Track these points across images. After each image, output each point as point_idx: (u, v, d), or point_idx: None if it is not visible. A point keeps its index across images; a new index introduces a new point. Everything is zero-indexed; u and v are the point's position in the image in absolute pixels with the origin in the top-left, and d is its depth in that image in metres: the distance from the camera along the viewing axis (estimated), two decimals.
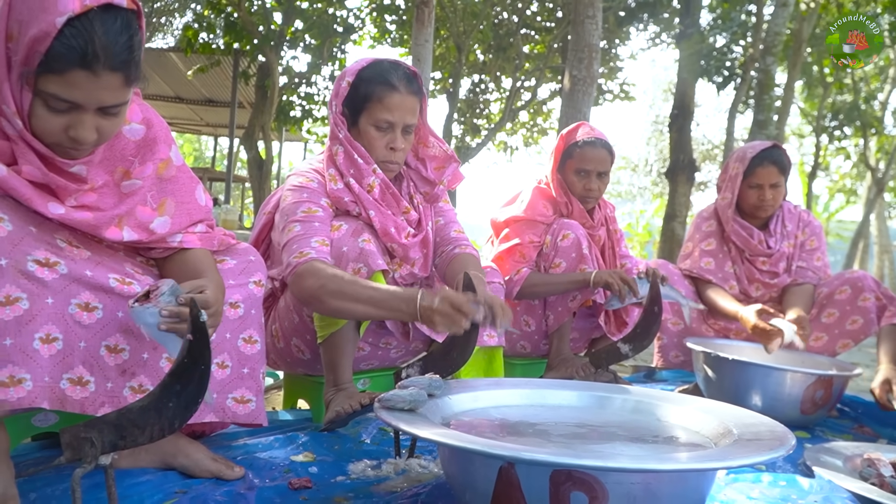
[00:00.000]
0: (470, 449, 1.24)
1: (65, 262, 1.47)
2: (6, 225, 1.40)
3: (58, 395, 1.46)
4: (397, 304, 1.92)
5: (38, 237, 1.45)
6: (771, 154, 3.21)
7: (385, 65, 2.20)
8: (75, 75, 1.32)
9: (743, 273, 3.32)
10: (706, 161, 26.34)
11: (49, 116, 1.37)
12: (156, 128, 1.65)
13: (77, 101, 1.35)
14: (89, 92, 1.35)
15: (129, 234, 1.59)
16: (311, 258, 2.01)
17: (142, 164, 1.61)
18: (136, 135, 1.61)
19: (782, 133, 11.47)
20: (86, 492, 1.52)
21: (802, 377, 2.57)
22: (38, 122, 1.37)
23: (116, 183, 1.58)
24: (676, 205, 11.85)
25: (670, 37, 14.00)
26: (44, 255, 1.44)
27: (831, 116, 17.87)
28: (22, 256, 1.41)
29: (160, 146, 1.65)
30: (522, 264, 2.98)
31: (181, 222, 1.68)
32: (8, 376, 1.39)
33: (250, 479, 1.73)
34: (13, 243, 1.40)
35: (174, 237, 1.67)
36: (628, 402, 1.82)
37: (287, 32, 13.32)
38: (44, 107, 1.36)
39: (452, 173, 2.38)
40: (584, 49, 6.59)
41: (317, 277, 1.97)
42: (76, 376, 1.49)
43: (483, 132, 16.42)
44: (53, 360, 1.46)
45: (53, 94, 1.33)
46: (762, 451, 1.28)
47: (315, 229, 2.09)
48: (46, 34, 1.29)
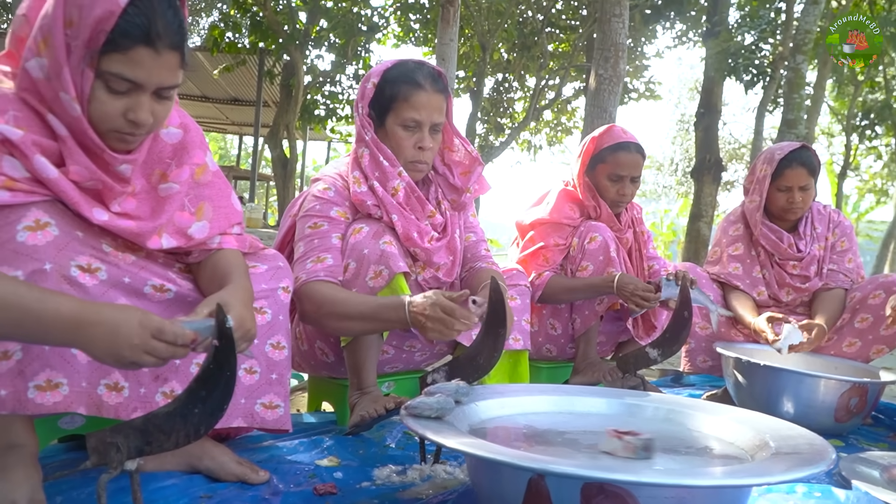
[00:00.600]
0: (499, 460, 1.22)
1: (106, 267, 1.48)
2: (53, 230, 1.40)
3: (95, 401, 1.48)
4: (387, 314, 1.95)
5: (84, 242, 1.46)
6: (800, 155, 3.12)
7: (410, 64, 2.19)
8: (139, 53, 1.35)
9: (773, 277, 3.25)
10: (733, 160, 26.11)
11: (109, 99, 1.38)
12: (192, 132, 1.66)
13: (139, 79, 1.37)
14: (151, 70, 1.38)
15: (167, 241, 1.58)
16: (303, 282, 2.05)
17: (178, 167, 1.61)
18: (173, 138, 1.62)
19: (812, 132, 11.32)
20: (111, 496, 1.51)
21: (837, 384, 2.51)
22: (98, 105, 1.38)
23: (154, 186, 1.58)
24: (702, 205, 11.76)
25: (697, 35, 13.89)
26: (86, 261, 1.45)
27: (862, 115, 17.59)
28: (66, 261, 1.42)
29: (196, 151, 1.66)
30: (546, 268, 2.95)
31: (219, 226, 1.68)
32: (45, 380, 1.41)
33: (275, 484, 1.72)
34: (58, 248, 1.41)
35: (213, 240, 1.66)
36: (660, 410, 1.78)
37: (312, 31, 13.39)
38: (104, 89, 1.37)
39: (478, 180, 2.36)
40: (611, 48, 6.55)
41: (311, 302, 2.02)
42: (112, 382, 1.50)
43: (507, 131, 16.39)
44: (91, 365, 1.47)
45: (117, 74, 1.36)
46: (802, 467, 1.23)
47: (314, 247, 2.12)
48: (111, 13, 1.31)
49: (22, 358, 1.40)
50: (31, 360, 1.40)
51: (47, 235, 1.39)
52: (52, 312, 1.23)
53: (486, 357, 1.90)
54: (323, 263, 2.08)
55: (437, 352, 2.45)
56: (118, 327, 1.24)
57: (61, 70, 1.34)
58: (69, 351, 1.44)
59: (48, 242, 1.39)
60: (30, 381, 1.40)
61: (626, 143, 2.94)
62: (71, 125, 1.40)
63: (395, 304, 1.93)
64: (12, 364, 1.39)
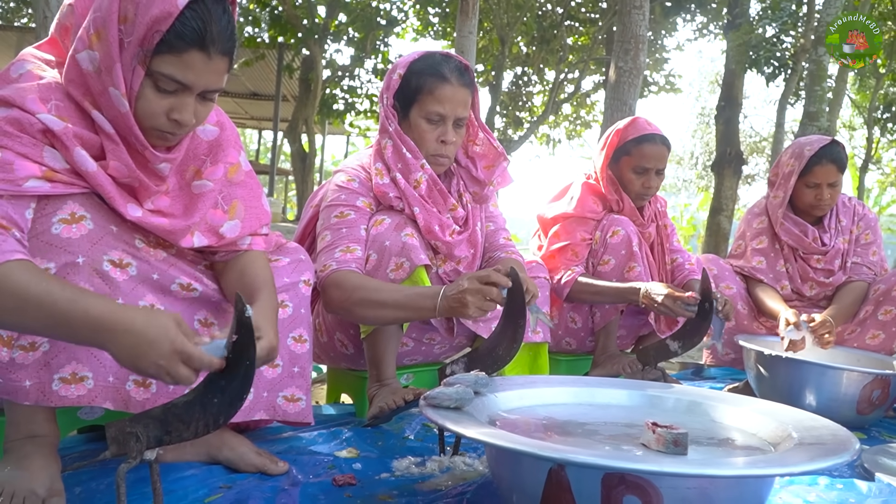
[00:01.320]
0: (519, 450, 1.21)
1: (136, 263, 1.49)
2: (87, 223, 1.41)
3: (122, 397, 1.48)
4: (422, 302, 1.93)
5: (118, 236, 1.47)
6: (830, 152, 3.06)
7: (437, 57, 2.17)
8: (192, 56, 1.35)
9: (796, 271, 3.22)
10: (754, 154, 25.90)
11: (156, 98, 1.39)
12: (228, 131, 1.66)
13: (189, 82, 1.38)
14: (200, 74, 1.38)
15: (199, 239, 1.58)
16: (332, 270, 2.03)
17: (213, 165, 1.61)
18: (209, 135, 1.62)
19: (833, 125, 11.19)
20: (131, 486, 1.51)
21: (859, 376, 2.48)
22: (145, 103, 1.39)
23: (188, 183, 1.58)
24: (722, 198, 11.68)
25: (718, 27, 13.78)
26: (118, 256, 1.46)
27: (884, 108, 17.35)
28: (99, 255, 1.43)
29: (231, 150, 1.66)
30: (574, 262, 2.92)
31: (251, 226, 1.68)
32: (70, 373, 1.42)
33: (294, 475, 1.72)
34: (92, 242, 1.42)
35: (244, 240, 1.66)
36: (681, 402, 1.76)
37: (331, 26, 13.39)
38: (153, 88, 1.38)
39: (501, 173, 2.34)
40: (631, 40, 6.50)
41: (341, 290, 2.00)
42: (141, 378, 1.51)
43: (526, 125, 16.34)
44: None
45: (167, 75, 1.36)
46: (826, 457, 1.22)
47: (342, 236, 2.10)
48: (168, 14, 1.32)
49: (49, 350, 1.40)
50: (57, 353, 1.41)
51: (82, 229, 1.41)
52: (81, 313, 1.22)
53: (506, 348, 1.89)
54: (353, 254, 2.07)
55: (456, 344, 2.44)
56: (149, 343, 1.22)
57: (113, 65, 1.35)
58: None
59: (82, 236, 1.41)
60: (55, 373, 1.41)
61: (651, 134, 2.91)
62: (115, 120, 1.40)
63: (430, 293, 1.92)
64: (39, 355, 1.40)
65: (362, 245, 2.10)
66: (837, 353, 2.86)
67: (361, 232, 2.12)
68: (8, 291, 1.21)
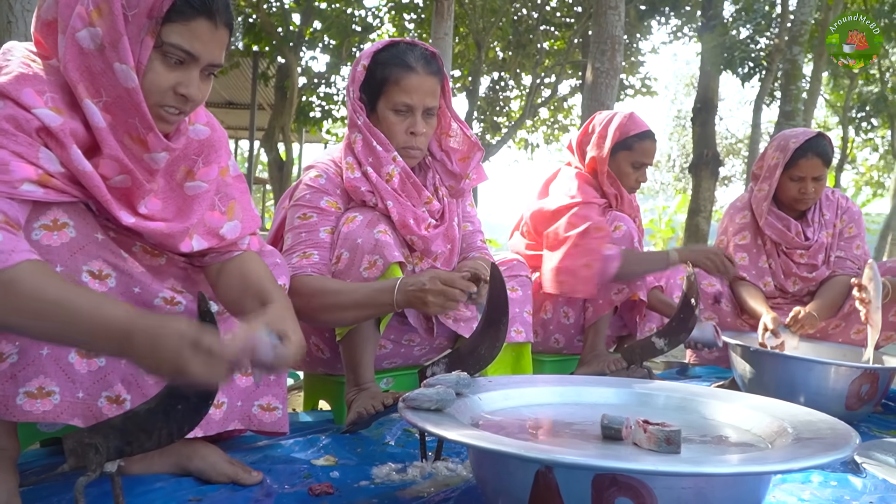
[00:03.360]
0: (504, 452, 1.14)
1: (116, 275, 1.43)
2: (70, 231, 1.36)
3: (94, 414, 1.42)
4: (380, 297, 1.89)
5: (103, 246, 1.42)
6: (815, 145, 3.03)
7: (402, 46, 2.11)
8: (200, 24, 1.35)
9: (779, 267, 3.19)
10: (730, 155, 26.15)
11: (163, 71, 1.37)
12: (218, 133, 1.63)
13: (196, 52, 1.37)
14: (206, 44, 1.38)
15: (198, 242, 1.53)
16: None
17: (206, 166, 1.57)
18: (200, 135, 1.57)
19: (809, 125, 11.27)
20: (94, 501, 1.45)
21: (847, 371, 2.45)
22: (152, 77, 1.36)
23: (179, 184, 1.53)
24: (700, 200, 11.75)
25: (692, 30, 13.87)
26: (98, 267, 1.40)
27: (858, 108, 17.58)
28: (77, 266, 1.37)
29: (222, 152, 1.62)
30: (607, 237, 2.80)
31: (250, 227, 1.64)
32: (37, 387, 1.36)
33: (269, 485, 1.65)
34: (72, 251, 1.36)
35: (243, 241, 1.63)
36: (672, 399, 1.71)
37: (306, 33, 13.33)
38: (160, 61, 1.36)
39: (477, 167, 2.28)
40: (607, 41, 6.50)
41: (299, 297, 1.91)
42: (114, 394, 1.45)
43: (503, 130, 16.35)
44: (93, 376, 1.42)
45: (176, 45, 1.35)
46: (827, 452, 1.16)
47: (301, 240, 2.05)
48: None
49: (17, 361, 1.34)
50: (25, 365, 1.34)
51: (63, 237, 1.35)
52: (105, 320, 1.15)
53: (488, 348, 1.84)
54: (309, 259, 2.02)
55: (436, 346, 2.37)
56: (161, 341, 1.13)
57: (119, 39, 1.31)
58: (66, 359, 1.38)
59: (63, 244, 1.35)
60: (21, 386, 1.34)
61: (649, 131, 2.97)
62: (119, 101, 1.34)
63: (387, 287, 1.88)
64: (5, 367, 1.33)
65: (321, 249, 2.05)
66: (824, 347, 2.84)
67: (322, 234, 2.06)
68: (25, 294, 1.15)
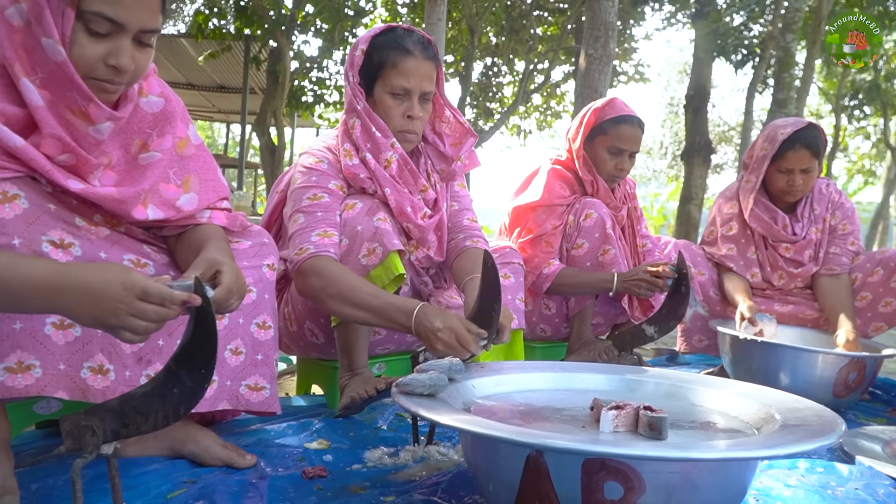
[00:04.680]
0: (496, 437, 1.16)
1: (80, 242, 1.41)
2: (22, 202, 1.33)
3: (79, 386, 1.41)
4: (395, 315, 1.86)
5: (56, 215, 1.39)
6: (804, 136, 2.93)
7: (399, 31, 2.11)
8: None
9: (766, 259, 3.15)
10: (722, 143, 26.15)
11: (89, 43, 1.32)
12: (173, 103, 1.60)
13: (121, 19, 1.31)
14: (132, 10, 1.32)
15: (154, 212, 1.52)
16: (311, 254, 1.96)
17: (160, 137, 1.55)
18: (153, 107, 1.55)
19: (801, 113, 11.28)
20: (90, 482, 1.46)
21: (835, 359, 2.48)
22: (79, 50, 1.32)
23: (134, 156, 1.51)
24: (692, 187, 11.75)
25: (686, 16, 13.83)
26: (59, 236, 1.38)
27: (851, 96, 17.61)
28: (37, 236, 1.35)
29: (177, 123, 1.60)
30: (551, 254, 2.88)
31: (208, 198, 1.63)
32: (16, 362, 1.35)
33: (262, 468, 1.66)
34: (28, 222, 1.34)
35: (202, 214, 1.61)
36: (661, 385, 1.73)
37: (298, 17, 13.23)
38: (84, 32, 1.31)
39: (469, 151, 2.29)
40: (601, 27, 6.49)
41: (320, 277, 1.92)
42: (97, 364, 1.44)
43: (496, 116, 16.31)
44: (71, 347, 1.40)
45: (98, 13, 1.29)
46: (813, 438, 1.18)
47: (318, 220, 2.03)
48: None
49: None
50: (0, 341, 1.33)
51: (15, 208, 1.32)
52: (23, 279, 1.16)
53: None
54: (331, 239, 2.00)
55: None
56: (99, 292, 1.16)
57: (42, 12, 1.28)
58: (42, 331, 1.37)
59: (17, 216, 1.32)
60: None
61: (628, 116, 2.88)
62: (52, 76, 1.32)
63: (406, 308, 1.84)
64: None
65: (338, 231, 2.04)
66: (812, 336, 2.86)
67: (336, 217, 2.05)
68: None
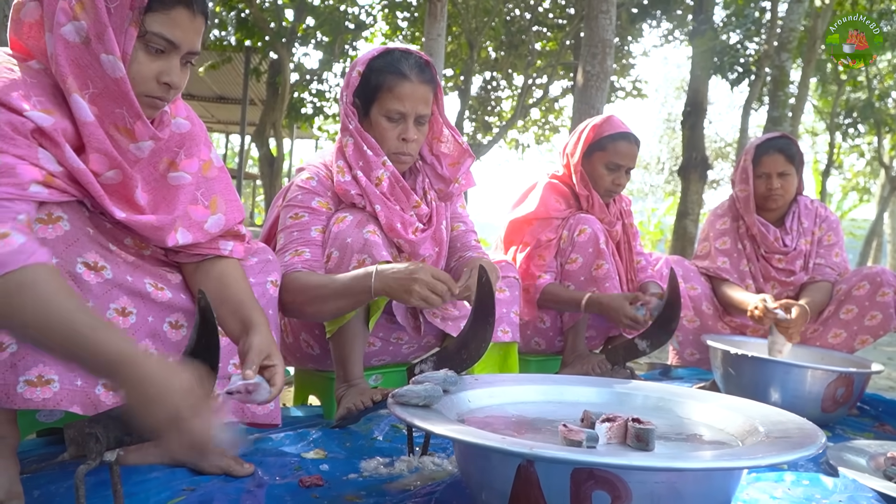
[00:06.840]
0: (488, 446, 1.20)
1: (111, 266, 1.47)
2: (64, 224, 1.40)
3: (92, 401, 1.45)
4: (357, 285, 1.92)
5: (93, 238, 1.46)
6: (776, 143, 3.21)
7: (396, 54, 2.15)
8: (179, 13, 1.40)
9: (759, 271, 3.28)
10: (719, 159, 26.24)
11: (146, 60, 1.42)
12: (197, 127, 1.66)
13: (177, 40, 1.42)
14: (186, 32, 1.43)
15: (183, 235, 1.57)
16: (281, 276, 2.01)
17: (187, 158, 1.60)
18: (182, 128, 1.61)
19: (796, 130, 11.37)
20: (91, 489, 1.49)
21: (823, 374, 2.51)
22: (136, 67, 1.41)
23: (162, 174, 1.56)
24: (689, 203, 11.78)
25: (683, 34, 13.92)
26: (93, 259, 1.44)
27: (845, 114, 17.69)
28: (73, 258, 1.41)
29: (202, 146, 1.66)
30: (543, 267, 2.93)
31: (233, 219, 1.68)
32: (36, 376, 1.39)
33: (260, 477, 1.69)
34: (67, 244, 1.41)
35: (225, 245, 1.66)
36: (650, 398, 1.77)
37: (298, 29, 13.30)
38: (143, 50, 1.41)
39: (467, 171, 2.33)
40: (598, 44, 6.54)
41: (288, 292, 1.97)
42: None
43: (494, 130, 16.37)
44: None
45: (158, 33, 1.40)
46: (792, 450, 1.22)
47: (293, 239, 2.10)
48: None
49: (16, 351, 1.37)
50: (24, 354, 1.38)
51: (58, 230, 1.39)
52: (94, 346, 1.18)
53: (475, 347, 1.88)
54: (301, 257, 2.06)
55: (424, 344, 2.42)
56: (158, 401, 1.15)
57: (104, 30, 1.35)
58: None
59: (58, 237, 1.39)
60: (21, 374, 1.38)
61: (626, 133, 2.94)
62: (107, 91, 1.38)
63: (362, 275, 1.91)
64: (6, 356, 1.37)
65: (312, 247, 2.09)
66: (801, 351, 2.90)
67: (313, 233, 2.11)
68: (32, 299, 1.17)
